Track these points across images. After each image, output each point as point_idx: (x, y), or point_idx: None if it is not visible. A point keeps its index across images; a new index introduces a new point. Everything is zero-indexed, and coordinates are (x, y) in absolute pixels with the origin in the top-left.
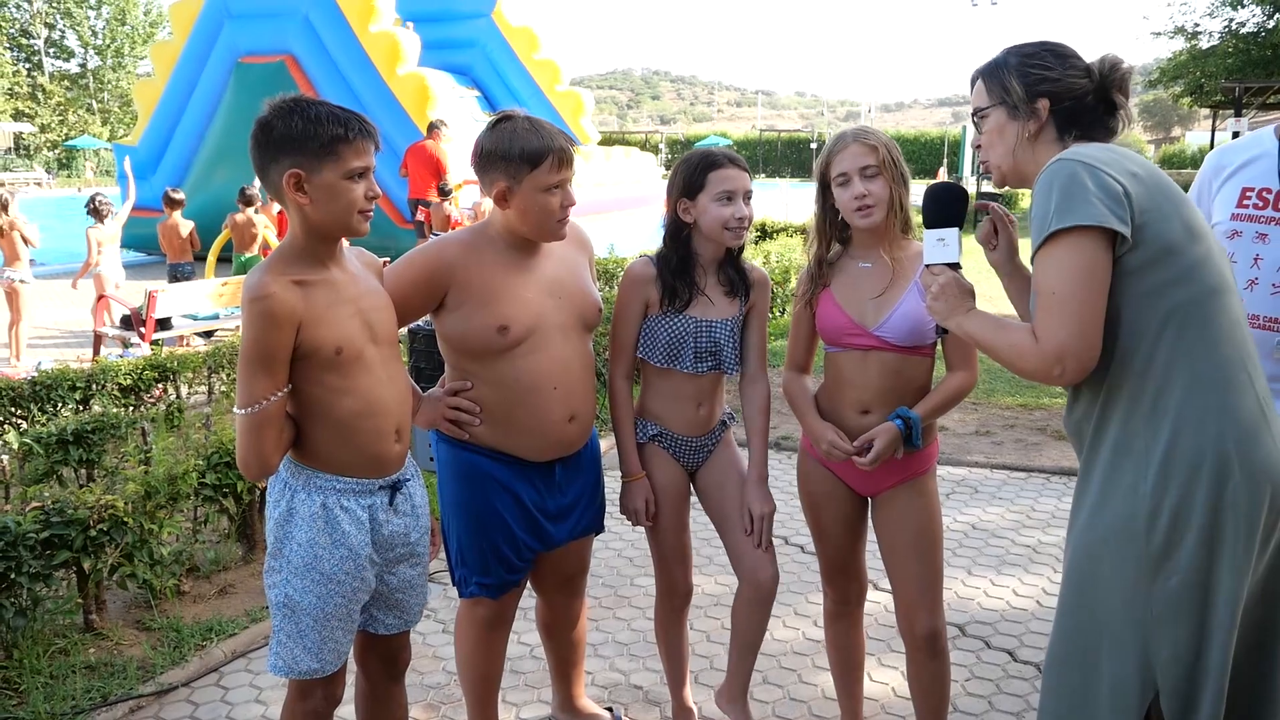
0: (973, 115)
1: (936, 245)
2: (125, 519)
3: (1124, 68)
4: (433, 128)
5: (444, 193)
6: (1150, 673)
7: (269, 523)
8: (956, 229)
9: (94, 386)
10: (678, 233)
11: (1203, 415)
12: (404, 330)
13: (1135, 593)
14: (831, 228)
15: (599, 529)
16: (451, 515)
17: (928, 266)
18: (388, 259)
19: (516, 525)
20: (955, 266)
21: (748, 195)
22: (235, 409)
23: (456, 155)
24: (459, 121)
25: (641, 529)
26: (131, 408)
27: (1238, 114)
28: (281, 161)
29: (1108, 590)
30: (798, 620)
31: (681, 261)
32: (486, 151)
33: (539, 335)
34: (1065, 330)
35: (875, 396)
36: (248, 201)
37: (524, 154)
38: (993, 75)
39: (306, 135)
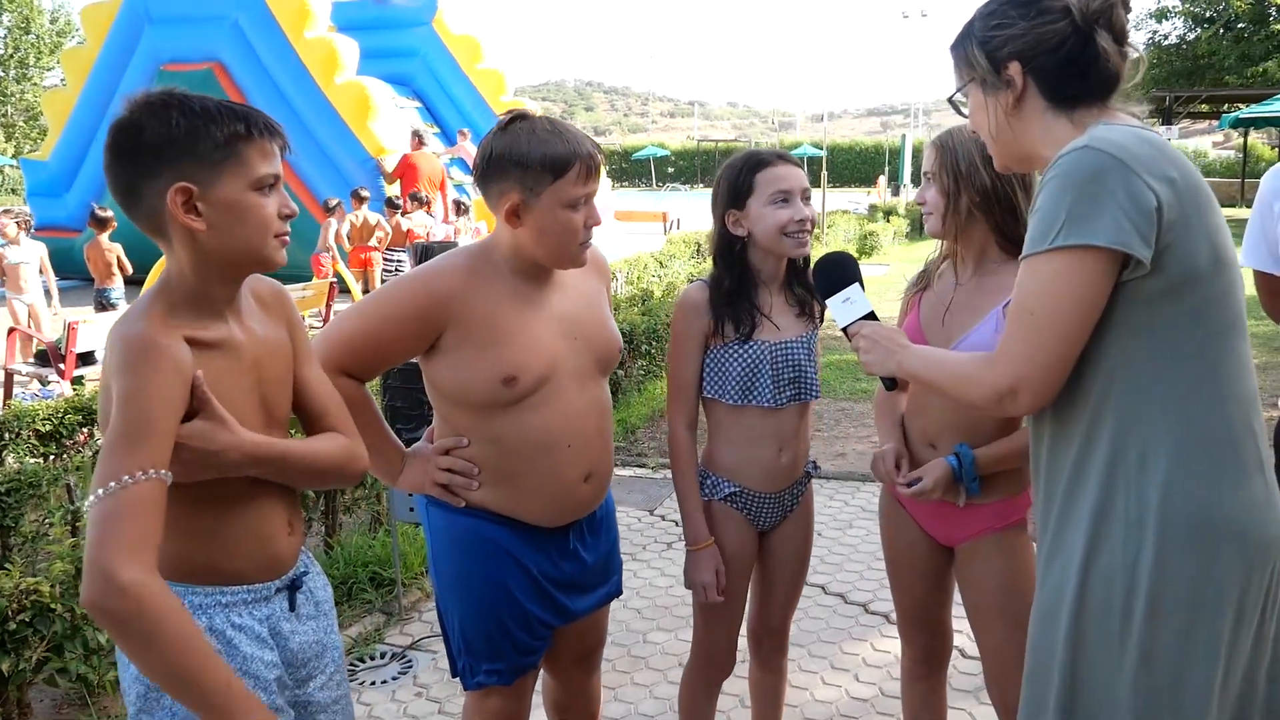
0: (949, 98)
1: (844, 307)
2: (52, 605)
3: None
4: (415, 135)
5: (418, 200)
6: None
7: (125, 676)
8: (856, 284)
9: (7, 435)
10: (729, 250)
11: (1197, 481)
12: None
13: (1099, 670)
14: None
15: (618, 593)
16: (449, 594)
17: (844, 330)
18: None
19: (527, 600)
20: (871, 317)
21: (806, 194)
22: (91, 492)
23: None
24: (398, 134)
25: (661, 582)
26: (53, 457)
27: (1167, 123)
28: (161, 175)
29: (1068, 662)
30: (836, 676)
31: (737, 283)
32: (498, 157)
33: (552, 385)
34: (1031, 362)
35: (941, 430)
36: (101, 225)
37: (545, 160)
38: (959, 48)
39: (194, 136)
